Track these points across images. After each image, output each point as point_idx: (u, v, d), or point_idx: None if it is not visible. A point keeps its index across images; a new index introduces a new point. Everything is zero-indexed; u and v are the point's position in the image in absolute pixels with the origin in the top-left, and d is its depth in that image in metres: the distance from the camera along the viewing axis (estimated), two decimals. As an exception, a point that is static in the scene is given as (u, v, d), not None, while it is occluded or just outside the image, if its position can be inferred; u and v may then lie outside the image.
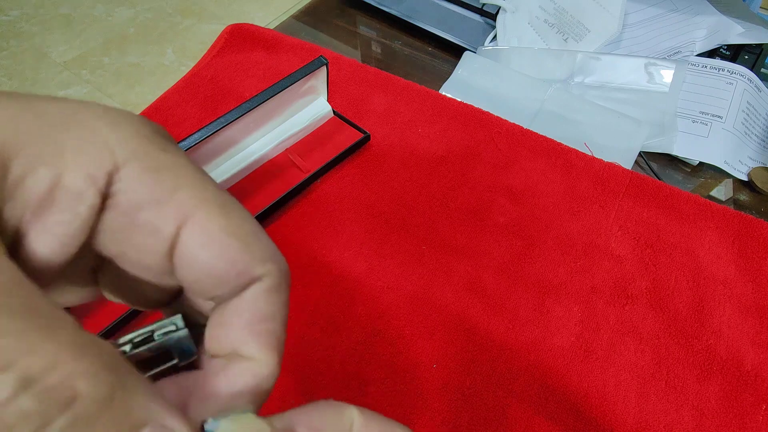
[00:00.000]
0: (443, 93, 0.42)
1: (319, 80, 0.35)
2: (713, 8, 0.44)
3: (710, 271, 0.32)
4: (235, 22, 0.46)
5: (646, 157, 0.40)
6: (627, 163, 0.38)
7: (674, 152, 0.39)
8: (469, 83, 0.43)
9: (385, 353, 0.28)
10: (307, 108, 0.38)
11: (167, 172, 0.10)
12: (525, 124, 0.39)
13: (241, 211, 0.11)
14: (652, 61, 0.42)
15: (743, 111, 0.40)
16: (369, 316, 0.29)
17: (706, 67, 0.42)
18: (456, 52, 0.46)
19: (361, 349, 0.28)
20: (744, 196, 0.38)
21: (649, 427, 0.26)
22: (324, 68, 0.34)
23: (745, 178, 0.39)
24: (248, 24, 0.46)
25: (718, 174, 0.39)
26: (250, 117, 0.31)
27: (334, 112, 0.39)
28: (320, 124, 0.39)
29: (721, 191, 0.39)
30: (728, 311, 0.30)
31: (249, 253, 0.11)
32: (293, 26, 0.51)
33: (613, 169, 0.36)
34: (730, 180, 0.39)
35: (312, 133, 0.38)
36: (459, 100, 0.40)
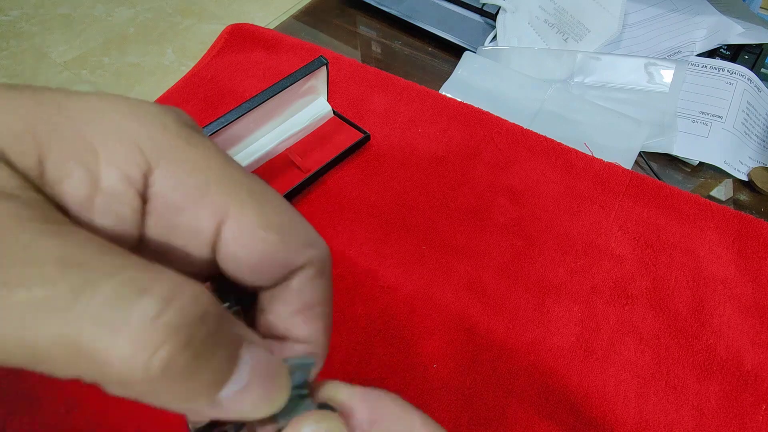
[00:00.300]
0: (443, 93, 0.42)
1: (319, 80, 0.35)
2: (713, 8, 0.43)
3: (710, 271, 0.32)
4: (235, 22, 0.46)
5: (646, 157, 0.40)
6: (627, 163, 0.38)
7: (674, 152, 0.39)
8: (469, 83, 0.43)
9: (385, 353, 0.28)
10: (307, 108, 0.38)
11: (199, 170, 0.10)
12: (525, 124, 0.39)
13: (275, 200, 0.11)
14: (652, 61, 0.42)
15: (743, 111, 0.40)
16: (369, 316, 0.29)
17: (706, 67, 0.42)
18: (456, 52, 0.46)
19: (361, 349, 0.28)
20: (744, 196, 0.38)
21: (649, 426, 0.26)
22: (324, 68, 0.34)
23: (745, 178, 0.39)
24: (248, 24, 0.46)
25: (718, 174, 0.39)
26: (250, 117, 0.31)
27: (334, 112, 0.39)
28: (320, 124, 0.38)
29: (721, 191, 0.39)
30: (728, 311, 0.30)
31: (287, 245, 0.11)
32: (293, 26, 0.51)
33: (613, 169, 0.36)
34: (730, 180, 0.39)
35: (312, 133, 0.38)
36: (459, 100, 0.40)
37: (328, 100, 0.38)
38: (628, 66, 0.42)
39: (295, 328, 0.12)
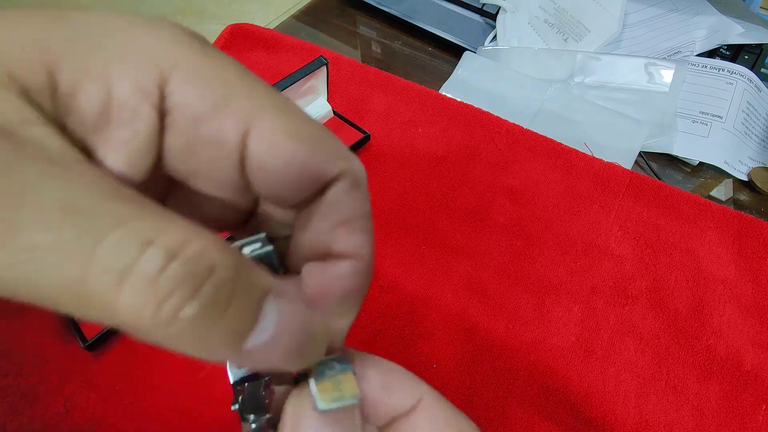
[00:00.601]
0: (443, 93, 0.42)
1: (319, 80, 0.35)
2: (713, 8, 0.43)
3: (710, 270, 0.32)
4: (235, 22, 0.46)
5: (646, 157, 0.40)
6: (627, 163, 0.38)
7: (674, 152, 0.39)
8: (469, 83, 0.43)
9: (384, 353, 0.28)
10: (307, 108, 0.38)
11: (216, 79, 0.10)
12: (525, 124, 0.39)
13: (301, 112, 0.11)
14: (652, 61, 0.42)
15: (743, 111, 0.40)
16: (369, 316, 0.29)
17: (706, 67, 0.42)
18: (456, 52, 0.46)
19: (361, 349, 0.28)
20: (744, 196, 0.38)
21: (649, 426, 0.26)
22: (324, 68, 0.34)
23: (745, 178, 0.39)
24: (248, 24, 0.46)
25: (718, 174, 0.39)
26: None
27: (334, 112, 0.39)
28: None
29: (721, 191, 0.39)
30: (728, 311, 0.30)
31: (319, 154, 0.10)
32: (293, 26, 0.51)
33: (613, 169, 0.36)
34: (730, 180, 0.39)
35: (312, 133, 0.38)
36: (459, 100, 0.40)
37: (328, 100, 0.38)
38: (628, 66, 0.42)
39: (337, 242, 0.11)
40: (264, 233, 0.11)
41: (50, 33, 0.09)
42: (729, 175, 0.39)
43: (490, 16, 0.48)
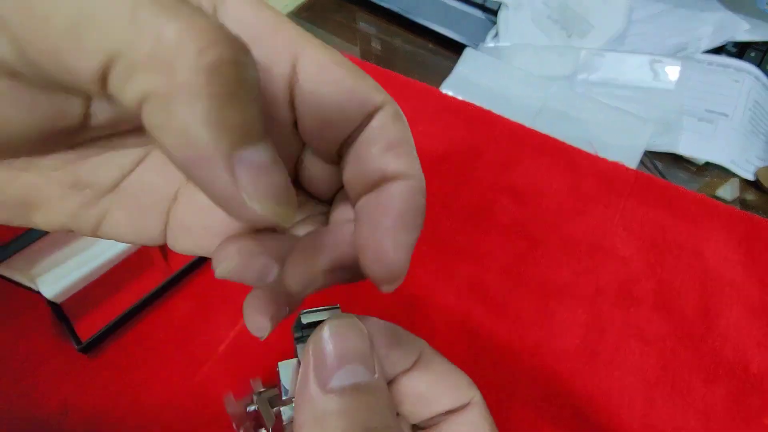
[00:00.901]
0: (444, 91, 0.42)
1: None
2: (719, 4, 0.43)
3: (717, 272, 0.31)
4: (232, 18, 0.45)
5: (651, 156, 0.39)
6: (632, 162, 0.37)
7: (680, 151, 0.39)
8: (470, 81, 0.43)
9: (385, 356, 0.28)
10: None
11: (267, 9, 0.11)
12: (527, 123, 0.38)
13: (336, 51, 0.11)
14: (657, 58, 0.41)
15: (750, 109, 0.40)
16: (369, 319, 0.29)
17: (712, 64, 0.41)
18: (457, 48, 0.45)
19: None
20: (751, 196, 0.38)
21: (655, 431, 0.26)
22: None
23: (752, 178, 0.38)
24: (246, 20, 0.45)
25: (725, 173, 0.39)
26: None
27: (334, 109, 0.38)
28: (319, 122, 0.38)
29: (728, 191, 0.38)
30: (735, 313, 0.30)
31: (363, 83, 0.11)
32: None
33: (617, 168, 0.36)
34: (737, 179, 0.38)
35: (311, 132, 0.38)
36: (460, 98, 0.40)
37: (327, 98, 0.37)
38: (633, 63, 0.41)
39: (389, 164, 0.11)
40: (337, 305, 0.13)
41: None
42: (735, 175, 0.38)
43: (492, 12, 0.47)
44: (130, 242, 0.13)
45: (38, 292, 0.27)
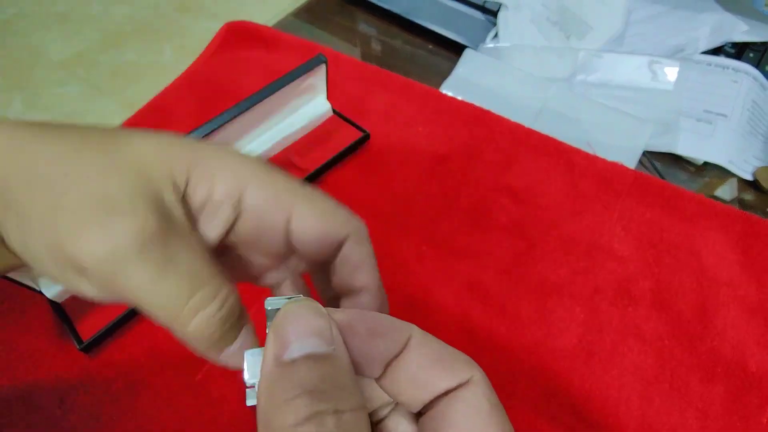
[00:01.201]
0: (444, 91, 0.42)
1: (318, 78, 0.35)
2: (717, 5, 0.43)
3: (714, 271, 0.31)
4: (233, 19, 0.45)
5: (649, 156, 0.39)
6: (630, 162, 0.37)
7: (678, 151, 0.39)
8: (470, 81, 0.43)
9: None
10: (306, 106, 0.37)
11: (273, 188, 0.16)
12: (527, 123, 0.38)
13: (321, 195, 0.17)
14: (655, 59, 0.41)
15: (748, 109, 0.40)
16: (369, 318, 0.29)
17: (710, 65, 0.41)
18: (457, 49, 0.46)
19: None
20: (749, 196, 0.38)
21: (653, 429, 0.26)
22: (323, 66, 0.33)
23: (750, 178, 0.38)
24: (246, 21, 0.45)
25: (723, 173, 0.39)
26: (249, 115, 0.31)
27: (334, 110, 0.38)
28: (319, 123, 0.38)
29: (726, 191, 0.38)
30: (733, 312, 0.30)
31: (335, 224, 0.16)
32: (292, 24, 0.50)
33: (616, 168, 0.36)
34: (735, 179, 0.39)
35: (311, 132, 0.38)
36: (460, 98, 0.40)
37: (327, 99, 0.38)
38: (632, 64, 0.41)
39: (355, 281, 0.17)
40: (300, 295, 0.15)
41: (190, 153, 0.16)
42: (734, 175, 0.39)
43: (492, 13, 0.47)
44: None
45: (40, 292, 0.28)
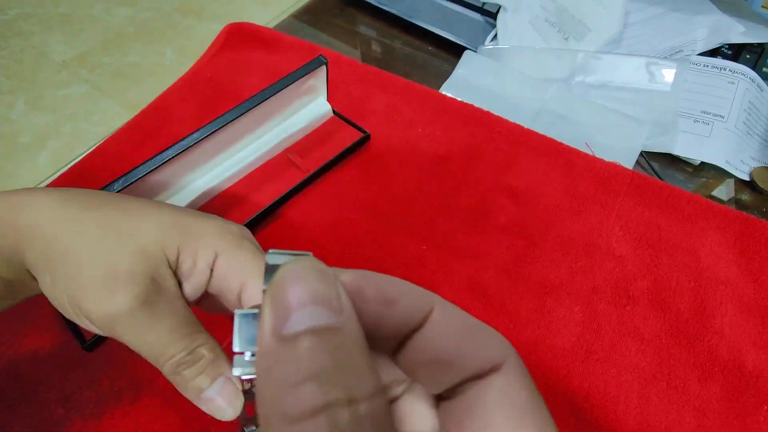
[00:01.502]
0: (443, 92, 0.42)
1: (318, 79, 0.35)
2: (715, 7, 0.43)
3: (712, 271, 0.32)
4: (234, 21, 0.46)
5: (647, 156, 0.40)
6: (628, 162, 0.38)
7: (676, 152, 0.39)
8: (469, 82, 0.43)
9: (385, 354, 0.28)
10: (307, 107, 0.38)
11: (235, 259, 0.20)
12: (526, 124, 0.39)
13: (258, 252, 0.21)
14: (653, 60, 0.42)
15: (745, 110, 0.40)
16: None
17: (707, 66, 0.41)
18: (456, 51, 0.46)
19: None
20: (746, 196, 0.38)
21: (651, 427, 0.26)
22: (323, 67, 0.34)
23: (746, 178, 0.39)
24: (248, 23, 0.45)
25: (720, 174, 0.39)
26: (250, 116, 0.31)
27: (334, 111, 0.38)
28: (320, 124, 0.38)
29: (723, 191, 0.38)
30: (730, 312, 0.30)
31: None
32: (293, 25, 0.51)
33: (614, 168, 0.36)
34: (732, 180, 0.39)
35: (312, 133, 0.38)
36: (459, 99, 0.40)
37: (327, 100, 0.38)
38: (630, 65, 0.42)
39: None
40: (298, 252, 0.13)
41: (181, 235, 0.20)
42: (731, 175, 0.39)
43: (491, 15, 0.47)
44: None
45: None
